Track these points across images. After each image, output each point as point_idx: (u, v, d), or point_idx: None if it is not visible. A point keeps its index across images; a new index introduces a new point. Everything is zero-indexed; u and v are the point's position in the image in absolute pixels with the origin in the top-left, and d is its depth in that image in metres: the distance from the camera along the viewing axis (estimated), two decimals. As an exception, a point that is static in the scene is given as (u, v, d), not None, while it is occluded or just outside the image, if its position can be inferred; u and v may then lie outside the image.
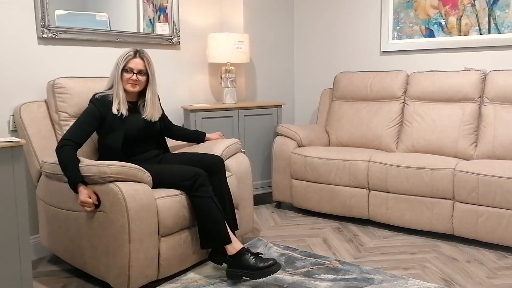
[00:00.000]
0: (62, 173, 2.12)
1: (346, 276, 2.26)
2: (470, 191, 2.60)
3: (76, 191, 2.08)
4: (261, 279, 2.17)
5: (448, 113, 3.16)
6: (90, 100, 2.33)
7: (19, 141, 1.60)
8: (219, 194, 2.33)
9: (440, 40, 3.48)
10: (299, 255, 2.53)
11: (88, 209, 2.07)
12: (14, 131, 2.48)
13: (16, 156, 1.62)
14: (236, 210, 2.49)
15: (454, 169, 2.68)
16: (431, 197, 2.76)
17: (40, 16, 2.52)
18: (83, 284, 2.27)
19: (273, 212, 3.41)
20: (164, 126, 2.63)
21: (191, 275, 2.31)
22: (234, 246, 2.22)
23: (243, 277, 2.20)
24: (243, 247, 2.23)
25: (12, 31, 2.44)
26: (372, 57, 3.84)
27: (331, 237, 2.86)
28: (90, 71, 2.80)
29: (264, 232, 2.95)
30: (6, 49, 2.42)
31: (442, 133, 3.11)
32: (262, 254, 2.22)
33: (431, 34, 3.52)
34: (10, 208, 1.62)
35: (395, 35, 3.69)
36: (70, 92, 2.45)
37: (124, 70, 2.33)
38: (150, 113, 2.45)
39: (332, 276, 2.27)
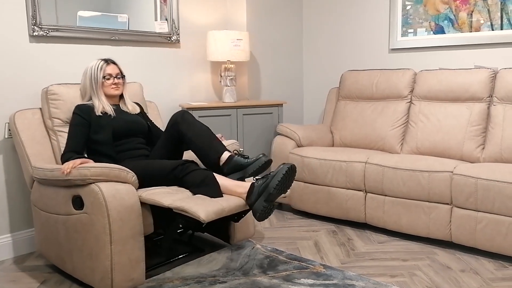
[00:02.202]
0: (52, 177, 2.12)
1: (327, 282, 2.17)
2: (468, 196, 2.44)
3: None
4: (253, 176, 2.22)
5: (454, 113, 2.99)
6: (73, 112, 2.40)
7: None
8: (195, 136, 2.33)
9: (450, 36, 3.31)
10: (284, 258, 2.45)
11: (67, 170, 2.05)
12: (10, 139, 2.52)
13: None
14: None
15: (452, 172, 2.53)
16: (428, 201, 2.61)
17: (31, 14, 2.56)
18: (62, 280, 2.28)
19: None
20: (154, 132, 2.63)
21: (168, 274, 2.28)
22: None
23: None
24: (230, 154, 2.28)
25: (2, 29, 2.48)
26: (381, 55, 3.70)
27: (323, 241, 2.76)
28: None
29: (256, 234, 2.88)
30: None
31: (448, 134, 2.95)
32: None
33: (441, 30, 3.35)
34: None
35: (404, 32, 3.54)
36: (63, 99, 2.47)
37: (104, 78, 2.44)
38: (132, 106, 2.58)
39: (312, 281, 2.18)
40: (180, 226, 2.27)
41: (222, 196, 2.16)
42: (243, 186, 2.18)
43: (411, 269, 2.33)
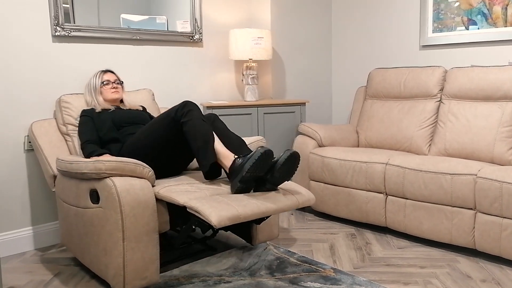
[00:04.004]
0: (71, 170, 2.17)
1: (334, 286, 2.09)
2: (492, 200, 2.28)
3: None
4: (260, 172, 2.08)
5: (485, 113, 2.81)
6: (79, 116, 2.57)
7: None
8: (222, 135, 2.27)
9: (484, 32, 3.12)
10: (294, 260, 2.39)
11: None
12: (30, 150, 2.64)
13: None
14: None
15: (476, 175, 2.37)
16: (451, 206, 2.47)
17: (53, 15, 2.65)
18: (76, 273, 2.34)
19: (292, 214, 3.28)
20: None
21: (175, 272, 2.28)
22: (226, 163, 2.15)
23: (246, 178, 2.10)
24: (234, 158, 2.15)
25: (28, 29, 2.59)
26: (411, 52, 3.55)
27: (339, 244, 2.68)
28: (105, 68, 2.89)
29: (272, 234, 2.84)
30: (21, 48, 2.58)
31: (477, 135, 2.78)
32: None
33: (474, 25, 3.16)
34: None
35: (436, 28, 3.37)
36: (73, 106, 2.63)
37: (102, 83, 2.62)
38: (132, 105, 2.73)
39: (318, 285, 2.11)
40: (193, 227, 2.19)
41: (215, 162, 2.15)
42: (229, 159, 2.15)
43: (427, 277, 2.21)
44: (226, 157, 2.15)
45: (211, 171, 2.20)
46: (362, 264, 2.38)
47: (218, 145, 2.18)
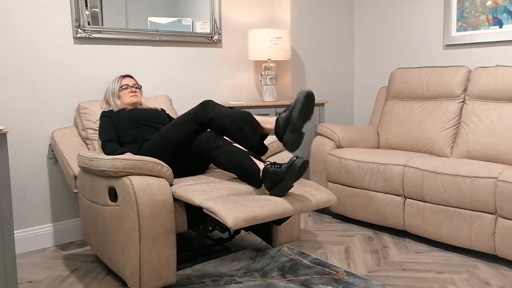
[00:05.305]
0: (91, 167, 2.20)
1: (345, 290, 2.06)
2: (514, 205, 2.20)
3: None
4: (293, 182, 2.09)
5: (510, 114, 2.71)
6: (100, 117, 2.63)
7: (1, 129, 1.72)
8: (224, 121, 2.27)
9: (509, 30, 3.01)
10: (307, 262, 2.37)
11: None
12: (53, 159, 2.72)
13: (-1, 143, 1.73)
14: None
15: (496, 178, 2.29)
16: (471, 210, 2.39)
17: (74, 17, 2.71)
18: (92, 269, 2.39)
19: (309, 216, 3.25)
20: None
21: (188, 271, 2.29)
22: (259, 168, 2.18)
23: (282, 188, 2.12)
24: (264, 166, 2.16)
25: (51, 31, 2.66)
26: (435, 51, 3.46)
27: (355, 247, 2.63)
28: (125, 70, 2.94)
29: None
30: (44, 52, 2.65)
31: (501, 137, 2.68)
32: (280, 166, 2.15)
33: (499, 24, 3.06)
34: (-7, 191, 1.74)
35: (460, 27, 3.27)
36: (92, 111, 2.70)
37: (121, 88, 2.68)
38: (149, 106, 2.78)
39: None
40: (210, 228, 2.19)
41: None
42: (269, 122, 2.21)
43: (443, 283, 2.14)
44: (266, 121, 2.22)
45: (260, 147, 2.25)
46: (377, 268, 2.33)
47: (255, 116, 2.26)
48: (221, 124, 2.24)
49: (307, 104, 2.07)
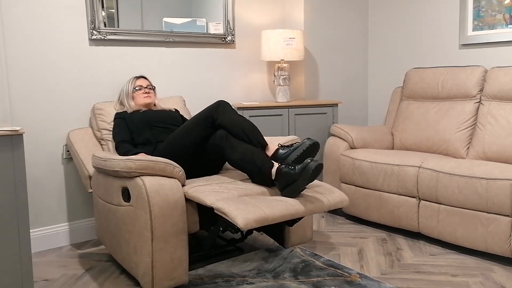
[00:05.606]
0: (105, 167, 2.23)
1: (358, 292, 2.05)
2: (531, 208, 2.16)
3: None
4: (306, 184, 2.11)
5: (527, 114, 2.67)
6: (113, 119, 2.66)
7: (18, 129, 1.76)
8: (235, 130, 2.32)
9: (528, 29, 2.96)
10: (320, 264, 2.36)
11: None
12: (68, 159, 2.76)
13: (15, 143, 1.77)
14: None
15: (513, 180, 2.25)
16: (487, 212, 2.35)
17: (90, 19, 2.75)
18: (106, 268, 2.42)
19: (323, 217, 3.24)
20: None
21: (200, 271, 2.31)
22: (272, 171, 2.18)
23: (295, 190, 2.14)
24: (277, 166, 2.16)
25: (68, 33, 2.70)
26: (451, 51, 3.42)
27: (368, 248, 2.62)
28: (139, 71, 2.96)
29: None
30: (61, 53, 2.69)
31: (518, 138, 2.64)
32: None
33: (517, 22, 3.01)
34: (9, 191, 1.78)
35: (476, 26, 3.23)
36: (106, 112, 2.73)
37: (134, 89, 2.71)
38: (163, 107, 2.80)
39: (342, 289, 2.08)
40: (221, 229, 2.19)
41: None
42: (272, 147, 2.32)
43: (458, 286, 2.12)
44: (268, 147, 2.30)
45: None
46: (391, 270, 2.31)
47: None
48: (227, 130, 2.31)
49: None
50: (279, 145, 2.33)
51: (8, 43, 2.52)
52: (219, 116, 2.31)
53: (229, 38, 3.33)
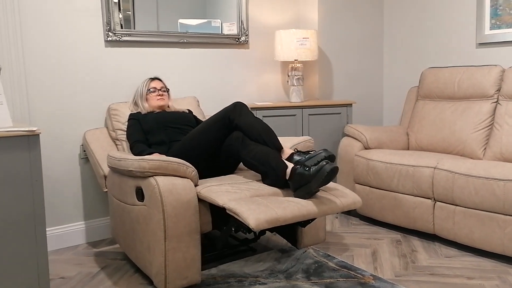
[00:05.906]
0: (119, 167, 2.25)
1: (371, 293, 2.03)
2: (549, 210, 2.12)
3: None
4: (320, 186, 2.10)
5: (546, 115, 2.61)
6: (128, 120, 2.68)
7: (34, 130, 1.79)
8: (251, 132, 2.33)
9: (548, 27, 2.90)
10: (333, 265, 2.35)
11: None
12: (84, 159, 2.80)
13: (32, 144, 1.81)
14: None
15: (531, 182, 2.21)
16: (504, 214, 2.31)
17: (105, 21, 2.78)
18: (121, 267, 2.44)
19: (336, 218, 3.22)
20: None
21: (213, 271, 2.32)
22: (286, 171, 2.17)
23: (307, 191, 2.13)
24: (292, 166, 2.16)
25: (84, 35, 2.74)
26: (467, 50, 3.37)
27: (383, 250, 2.59)
28: (154, 72, 2.99)
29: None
30: (77, 54, 2.74)
31: (537, 139, 2.59)
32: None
33: (536, 20, 2.95)
34: (27, 190, 1.82)
35: (493, 25, 3.17)
36: (121, 113, 2.76)
37: (148, 91, 2.72)
38: (176, 108, 2.82)
39: (355, 291, 2.06)
40: (233, 229, 2.21)
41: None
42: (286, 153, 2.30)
43: (473, 289, 2.09)
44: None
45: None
46: (405, 273, 2.29)
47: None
48: (244, 131, 2.32)
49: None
50: (295, 149, 2.33)
51: (26, 45, 2.57)
52: (235, 117, 2.33)
53: (243, 38, 3.34)
